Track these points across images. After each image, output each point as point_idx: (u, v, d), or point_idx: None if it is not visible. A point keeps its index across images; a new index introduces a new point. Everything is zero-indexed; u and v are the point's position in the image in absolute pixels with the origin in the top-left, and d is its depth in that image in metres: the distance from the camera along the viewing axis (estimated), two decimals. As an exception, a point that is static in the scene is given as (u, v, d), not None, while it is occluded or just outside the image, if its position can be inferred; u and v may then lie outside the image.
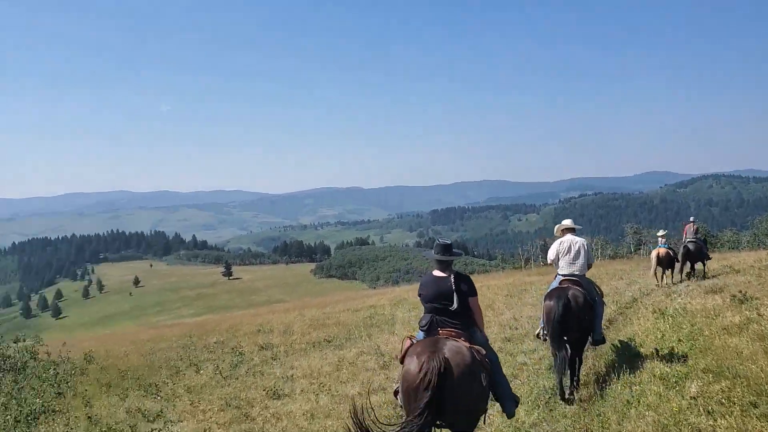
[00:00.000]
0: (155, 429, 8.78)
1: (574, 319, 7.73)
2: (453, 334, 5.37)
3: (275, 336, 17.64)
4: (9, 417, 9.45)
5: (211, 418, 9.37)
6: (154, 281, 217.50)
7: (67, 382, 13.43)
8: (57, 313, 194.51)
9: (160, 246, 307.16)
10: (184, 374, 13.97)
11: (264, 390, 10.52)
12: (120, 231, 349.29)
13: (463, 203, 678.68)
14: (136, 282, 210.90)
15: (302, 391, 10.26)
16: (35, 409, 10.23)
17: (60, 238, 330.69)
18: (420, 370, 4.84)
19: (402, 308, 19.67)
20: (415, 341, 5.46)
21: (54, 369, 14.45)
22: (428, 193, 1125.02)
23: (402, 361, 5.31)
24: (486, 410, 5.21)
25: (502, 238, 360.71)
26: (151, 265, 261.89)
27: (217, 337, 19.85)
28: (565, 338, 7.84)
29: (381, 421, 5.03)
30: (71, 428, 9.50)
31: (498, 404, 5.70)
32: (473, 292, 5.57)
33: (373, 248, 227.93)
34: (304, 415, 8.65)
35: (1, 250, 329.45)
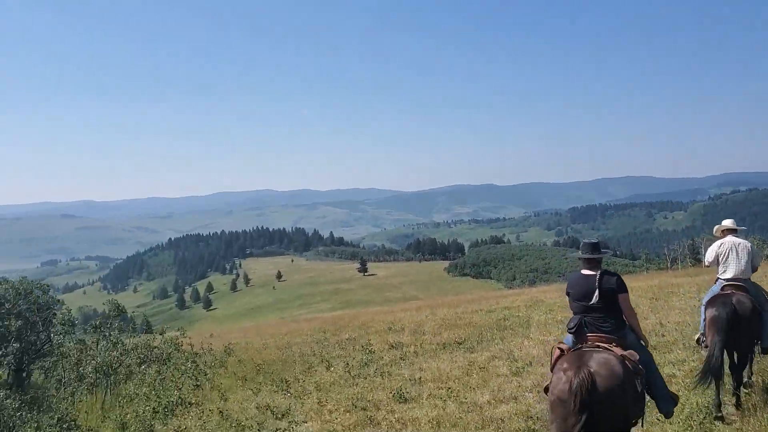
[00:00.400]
0: (280, 429, 8.70)
1: (741, 327, 7.08)
2: (603, 339, 5.25)
3: (405, 335, 17.35)
4: (148, 408, 9.81)
5: (336, 419, 9.20)
6: (295, 276, 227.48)
7: (205, 375, 13.92)
8: (208, 304, 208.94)
9: (300, 242, 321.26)
10: (316, 370, 14.03)
11: (391, 392, 10.21)
12: (264, 228, 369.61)
13: (604, 200, 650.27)
14: (279, 276, 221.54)
15: (429, 395, 9.82)
16: (172, 401, 10.58)
17: (211, 234, 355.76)
18: (568, 389, 4.80)
19: (538, 310, 18.69)
20: (564, 347, 5.44)
21: (194, 361, 15.05)
22: (567, 189, 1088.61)
23: (552, 370, 5.34)
24: (642, 415, 5.12)
25: (646, 237, 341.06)
26: (293, 261, 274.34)
27: (349, 334, 19.94)
28: (729, 349, 7.24)
29: None
30: (204, 422, 9.70)
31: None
32: (622, 289, 5.39)
33: (509, 247, 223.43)
34: (429, 422, 8.21)
35: (159, 246, 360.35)
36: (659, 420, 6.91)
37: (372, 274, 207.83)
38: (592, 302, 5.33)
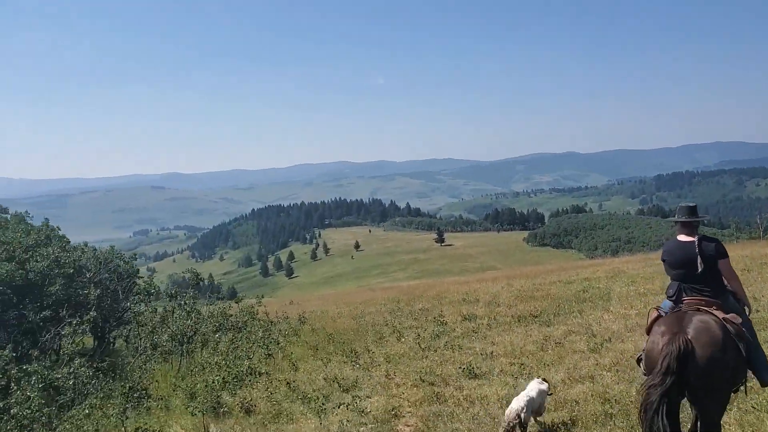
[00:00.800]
0: (343, 403, 8.52)
1: None
2: (703, 303, 5.11)
3: (480, 307, 16.85)
4: (218, 378, 9.86)
5: (403, 394, 8.93)
6: (373, 245, 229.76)
7: (278, 343, 13.96)
8: (290, 272, 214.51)
9: (377, 213, 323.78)
10: (387, 341, 13.81)
11: (461, 366, 9.83)
12: (342, 199, 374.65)
13: (691, 167, 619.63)
14: (357, 246, 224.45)
15: (501, 371, 9.38)
16: (242, 371, 10.61)
17: (291, 205, 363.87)
18: (660, 352, 4.80)
19: (620, 282, 17.72)
20: (662, 312, 5.38)
21: (267, 329, 15.11)
22: (652, 156, 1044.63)
23: (648, 332, 5.34)
24: (744, 382, 5.01)
25: (736, 205, 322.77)
26: (370, 231, 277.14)
27: (423, 304, 19.62)
28: None
29: None
30: (270, 393, 9.66)
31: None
32: (722, 254, 5.20)
33: (591, 216, 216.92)
34: (498, 401, 7.79)
35: (243, 216, 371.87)
36: (755, 408, 6.27)
37: (449, 245, 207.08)
38: (694, 270, 5.17)
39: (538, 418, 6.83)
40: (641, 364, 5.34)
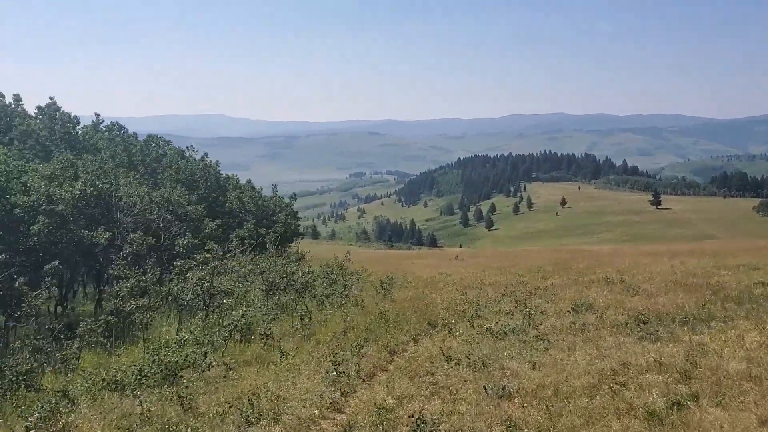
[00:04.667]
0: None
1: None
2: None
3: (604, 293, 14.76)
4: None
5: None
6: (580, 203, 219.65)
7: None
8: (490, 224, 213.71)
9: (589, 169, 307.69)
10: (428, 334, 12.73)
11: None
12: (552, 152, 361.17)
13: None
14: (563, 203, 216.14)
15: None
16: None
17: (498, 156, 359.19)
18: None
19: None
20: None
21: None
22: None
23: None
24: None
25: None
26: (579, 188, 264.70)
27: (559, 279, 17.88)
28: None
29: None
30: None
31: None
32: None
33: None
34: None
35: (449, 165, 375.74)
36: None
37: (666, 208, 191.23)
38: None
39: None
40: None
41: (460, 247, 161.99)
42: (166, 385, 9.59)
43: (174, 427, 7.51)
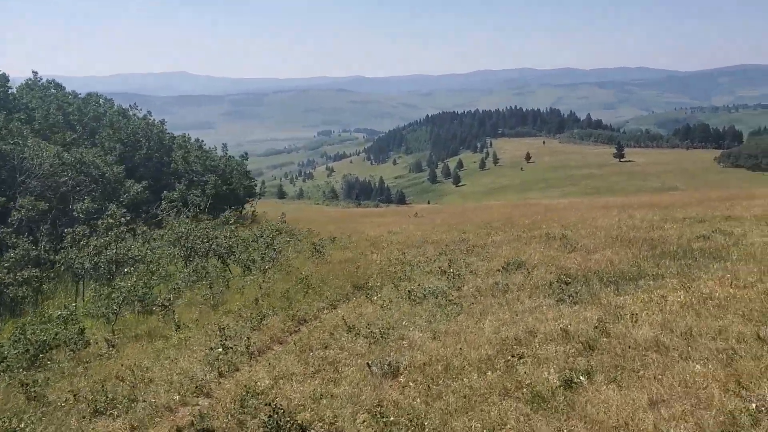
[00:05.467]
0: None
1: None
2: None
3: (540, 247, 14.12)
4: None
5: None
6: (545, 158, 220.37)
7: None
8: (456, 181, 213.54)
9: (554, 123, 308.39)
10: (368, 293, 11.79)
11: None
12: (518, 107, 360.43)
13: None
14: (528, 158, 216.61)
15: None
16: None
17: (465, 112, 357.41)
18: None
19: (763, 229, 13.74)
20: None
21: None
22: None
23: None
24: None
25: None
26: (544, 142, 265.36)
27: (503, 236, 17.24)
28: None
29: None
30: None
31: None
32: None
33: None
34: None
35: (418, 122, 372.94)
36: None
37: (629, 161, 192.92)
38: None
39: None
40: None
41: (428, 203, 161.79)
42: (32, 369, 8.61)
43: (5, 422, 6.56)
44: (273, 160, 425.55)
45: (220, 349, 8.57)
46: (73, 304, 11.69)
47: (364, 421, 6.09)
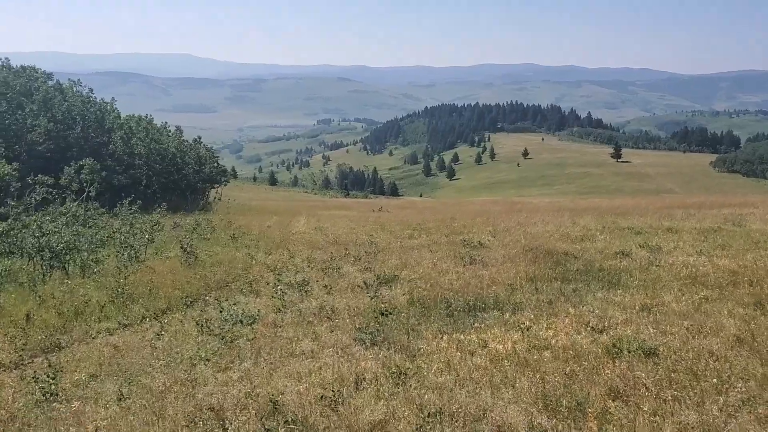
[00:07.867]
0: None
1: None
2: None
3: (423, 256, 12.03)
4: None
5: None
6: (543, 154, 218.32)
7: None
8: (451, 174, 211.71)
9: (554, 120, 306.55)
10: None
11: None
12: (518, 103, 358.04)
13: None
14: (526, 154, 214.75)
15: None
16: None
17: (464, 105, 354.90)
18: None
19: (675, 239, 12.14)
20: None
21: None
22: None
23: None
24: None
25: None
26: (543, 139, 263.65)
27: (438, 236, 15.05)
28: None
29: None
30: None
31: None
32: None
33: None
34: None
35: (416, 113, 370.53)
36: None
37: (626, 161, 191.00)
38: None
39: None
40: None
41: (420, 196, 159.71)
42: None
43: None
44: (272, 146, 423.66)
45: None
46: None
47: None
